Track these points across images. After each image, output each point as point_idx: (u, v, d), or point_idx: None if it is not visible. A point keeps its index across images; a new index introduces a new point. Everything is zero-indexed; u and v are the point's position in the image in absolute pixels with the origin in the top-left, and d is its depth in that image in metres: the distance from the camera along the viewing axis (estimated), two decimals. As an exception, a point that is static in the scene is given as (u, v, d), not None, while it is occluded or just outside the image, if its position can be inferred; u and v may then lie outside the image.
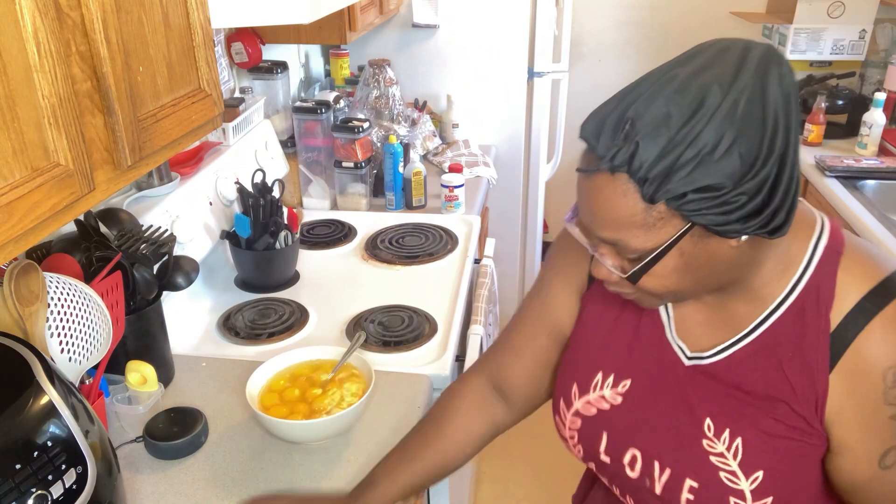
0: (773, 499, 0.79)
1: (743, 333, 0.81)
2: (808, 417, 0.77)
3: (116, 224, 1.33)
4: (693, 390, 0.84)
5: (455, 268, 1.77)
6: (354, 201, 2.11)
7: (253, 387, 1.20)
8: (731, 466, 0.80)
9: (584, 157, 0.73)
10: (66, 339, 1.00)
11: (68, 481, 0.80)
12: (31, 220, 0.71)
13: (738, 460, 0.79)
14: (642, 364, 0.88)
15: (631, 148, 0.67)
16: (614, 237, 0.73)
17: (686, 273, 0.74)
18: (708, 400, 0.83)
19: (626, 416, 0.88)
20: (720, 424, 0.81)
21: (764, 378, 0.79)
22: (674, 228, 0.70)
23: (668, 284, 0.75)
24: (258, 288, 1.67)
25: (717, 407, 0.82)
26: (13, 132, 0.69)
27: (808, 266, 0.78)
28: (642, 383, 0.88)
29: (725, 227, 0.68)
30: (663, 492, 0.85)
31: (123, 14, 0.86)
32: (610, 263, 0.76)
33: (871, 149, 2.55)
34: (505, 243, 2.92)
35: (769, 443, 0.79)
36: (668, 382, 0.86)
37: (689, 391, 0.84)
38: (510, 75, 2.63)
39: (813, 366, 0.76)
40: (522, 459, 2.53)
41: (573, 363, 0.95)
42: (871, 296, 0.75)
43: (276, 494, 1.07)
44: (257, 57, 1.99)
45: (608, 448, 0.90)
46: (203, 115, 1.07)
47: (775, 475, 0.79)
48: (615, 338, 0.91)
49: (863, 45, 2.83)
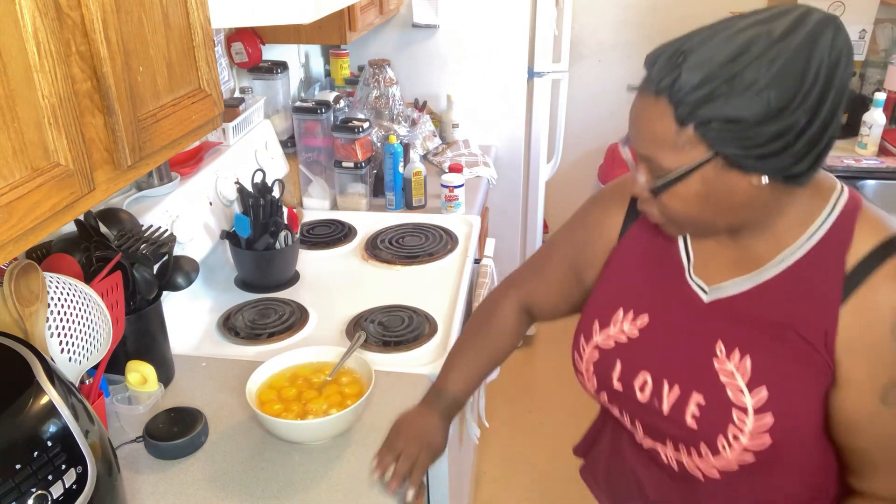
0: (774, 417, 0.84)
1: (763, 269, 0.86)
2: (817, 345, 0.82)
3: (116, 224, 1.33)
4: (710, 323, 0.90)
5: (455, 268, 1.77)
6: (354, 201, 2.11)
7: (253, 387, 1.20)
8: (738, 383, 0.85)
9: (642, 81, 0.82)
10: (66, 339, 1.00)
11: (68, 481, 0.80)
12: (31, 220, 0.71)
13: (746, 378, 0.85)
14: (662, 302, 0.95)
15: (675, 75, 0.75)
16: (648, 153, 0.81)
17: (706, 202, 0.80)
18: (722, 329, 0.88)
19: (642, 347, 0.95)
20: (731, 346, 0.87)
21: (778, 309, 0.85)
22: (699, 154, 0.77)
23: (690, 210, 0.82)
24: (258, 288, 1.67)
25: (731, 333, 0.87)
26: (13, 132, 0.69)
27: (830, 216, 0.84)
28: (661, 319, 0.94)
29: (744, 160, 0.76)
30: (670, 411, 0.90)
31: (123, 14, 0.86)
32: (643, 180, 0.84)
33: (871, 149, 2.55)
34: (505, 243, 2.91)
35: (777, 364, 0.84)
36: (685, 318, 0.92)
37: (705, 324, 0.90)
38: (510, 75, 2.63)
39: (827, 300, 0.82)
40: (522, 459, 2.53)
41: (595, 303, 1.02)
42: (886, 244, 0.81)
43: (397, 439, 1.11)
44: (257, 57, 1.99)
45: (621, 375, 0.96)
46: (203, 115, 1.07)
47: (779, 395, 0.83)
48: (637, 280, 0.98)
49: (863, 45, 2.83)
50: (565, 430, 2.73)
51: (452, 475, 1.57)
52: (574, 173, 3.69)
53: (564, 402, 2.79)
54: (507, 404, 2.80)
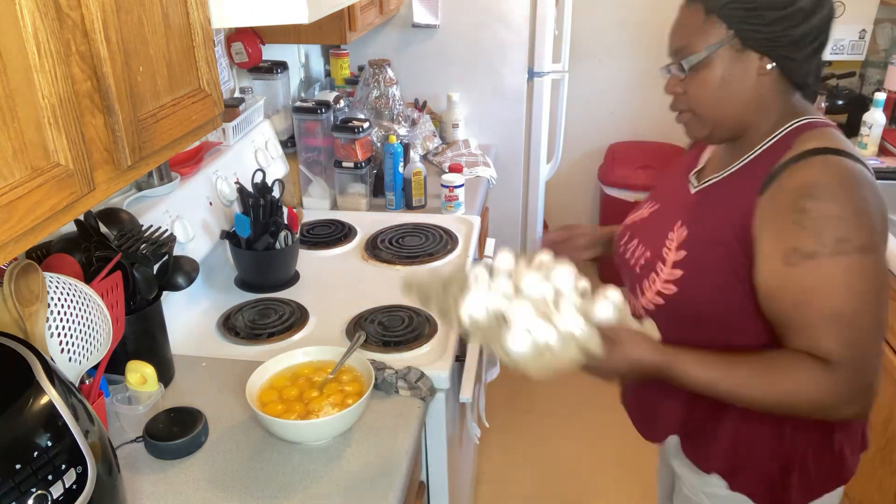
0: (682, 270, 1.07)
1: (727, 168, 1.09)
2: (737, 230, 1.01)
3: (116, 224, 1.33)
4: (684, 207, 1.13)
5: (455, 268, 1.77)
6: (354, 201, 2.11)
7: (253, 387, 1.20)
8: (671, 245, 1.10)
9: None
10: (66, 339, 1.00)
11: (68, 481, 0.80)
12: (31, 220, 0.71)
13: (677, 243, 1.09)
14: (670, 195, 1.20)
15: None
16: (681, 44, 1.03)
17: (725, 90, 1.01)
18: (686, 211, 1.12)
19: (644, 223, 1.21)
20: (683, 221, 1.11)
21: (721, 200, 1.07)
22: (718, 35, 0.99)
23: (711, 99, 1.02)
24: (258, 288, 1.67)
25: (688, 214, 1.11)
26: (13, 132, 0.69)
27: (787, 129, 1.03)
28: (664, 206, 1.20)
29: (754, 38, 0.98)
30: (634, 264, 1.18)
31: (123, 14, 0.86)
32: (676, 71, 1.05)
33: (871, 149, 2.55)
34: (505, 243, 2.91)
35: (702, 238, 1.06)
36: (677, 205, 1.16)
37: (682, 208, 1.14)
38: (510, 75, 2.63)
39: (751, 194, 1.01)
40: (522, 459, 2.53)
41: (643, 200, 1.30)
42: (815, 150, 0.98)
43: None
44: (257, 57, 1.99)
45: (626, 242, 1.22)
46: (203, 115, 1.07)
47: (694, 258, 1.06)
48: (666, 183, 1.24)
49: (863, 45, 2.83)
50: (565, 430, 2.74)
51: (452, 475, 1.57)
52: (574, 173, 3.69)
53: (564, 402, 2.79)
54: (507, 404, 2.80)
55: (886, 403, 1.89)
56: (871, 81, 2.91)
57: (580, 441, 2.59)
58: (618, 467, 2.46)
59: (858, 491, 2.02)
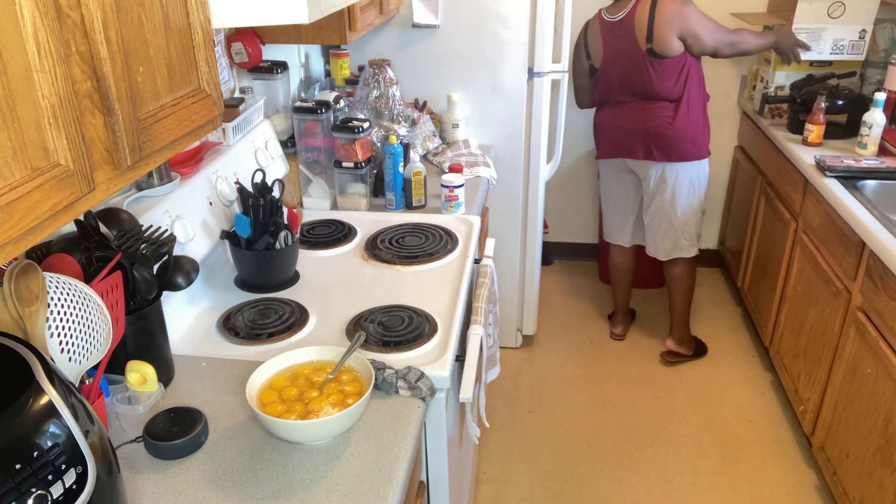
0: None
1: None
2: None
3: (116, 224, 1.33)
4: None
5: (455, 268, 1.77)
6: (354, 201, 2.11)
7: (253, 387, 1.21)
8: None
9: None
10: (66, 339, 1.00)
11: (68, 481, 0.80)
12: (31, 220, 0.71)
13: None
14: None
15: None
16: None
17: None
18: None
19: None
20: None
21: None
22: None
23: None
24: (258, 288, 1.68)
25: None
26: (13, 132, 0.69)
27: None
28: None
29: None
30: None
31: (123, 14, 0.86)
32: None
33: (871, 149, 2.55)
34: (505, 243, 2.91)
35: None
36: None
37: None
38: (510, 75, 2.63)
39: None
40: (522, 459, 2.53)
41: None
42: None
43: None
44: (257, 57, 1.99)
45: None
46: (203, 115, 1.07)
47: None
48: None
49: (863, 45, 2.83)
50: (565, 430, 2.74)
51: (452, 475, 1.57)
52: (574, 173, 3.69)
53: (564, 401, 2.79)
54: (507, 404, 2.80)
55: (886, 403, 1.89)
56: (871, 81, 2.91)
57: (580, 441, 2.59)
58: (618, 467, 2.47)
59: (858, 491, 2.02)
